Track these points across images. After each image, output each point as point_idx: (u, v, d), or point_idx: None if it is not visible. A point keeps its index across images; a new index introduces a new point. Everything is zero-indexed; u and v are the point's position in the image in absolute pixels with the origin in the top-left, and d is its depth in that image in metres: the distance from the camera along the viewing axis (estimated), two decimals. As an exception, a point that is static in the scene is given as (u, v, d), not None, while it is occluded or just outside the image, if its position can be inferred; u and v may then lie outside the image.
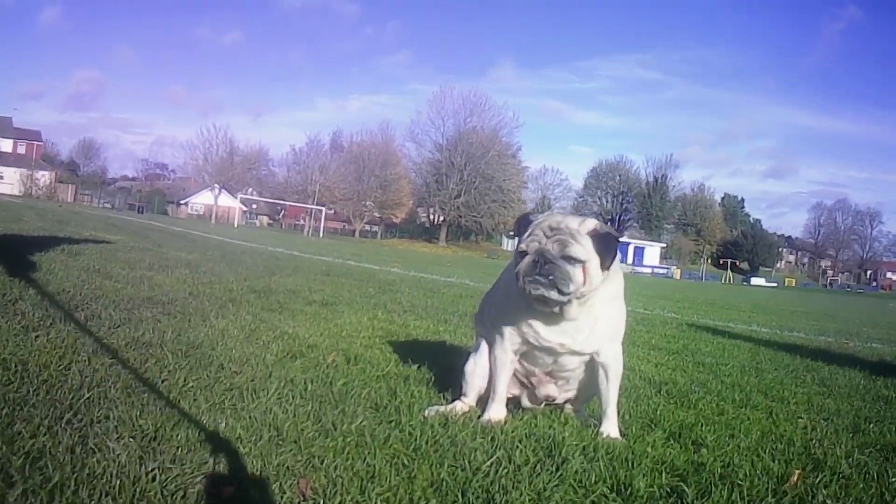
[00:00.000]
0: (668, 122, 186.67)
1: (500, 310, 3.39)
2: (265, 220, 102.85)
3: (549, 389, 3.54)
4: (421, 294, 10.41)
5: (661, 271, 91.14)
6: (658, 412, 3.87)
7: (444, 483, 2.49)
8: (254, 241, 26.47)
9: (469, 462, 2.70)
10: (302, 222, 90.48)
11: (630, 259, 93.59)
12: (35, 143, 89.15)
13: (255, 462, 2.45)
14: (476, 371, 3.52)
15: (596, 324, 3.23)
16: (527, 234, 3.12)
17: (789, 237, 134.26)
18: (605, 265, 3.05)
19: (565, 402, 3.66)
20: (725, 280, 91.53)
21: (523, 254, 3.09)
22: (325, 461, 2.54)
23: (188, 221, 58.05)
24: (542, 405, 3.62)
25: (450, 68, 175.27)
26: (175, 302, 5.93)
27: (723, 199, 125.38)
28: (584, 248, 3.00)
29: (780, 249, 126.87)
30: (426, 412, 3.36)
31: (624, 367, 3.45)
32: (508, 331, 3.34)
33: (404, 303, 8.70)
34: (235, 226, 66.61)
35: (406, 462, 2.64)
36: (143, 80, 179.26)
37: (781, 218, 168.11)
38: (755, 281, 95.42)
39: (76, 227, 16.32)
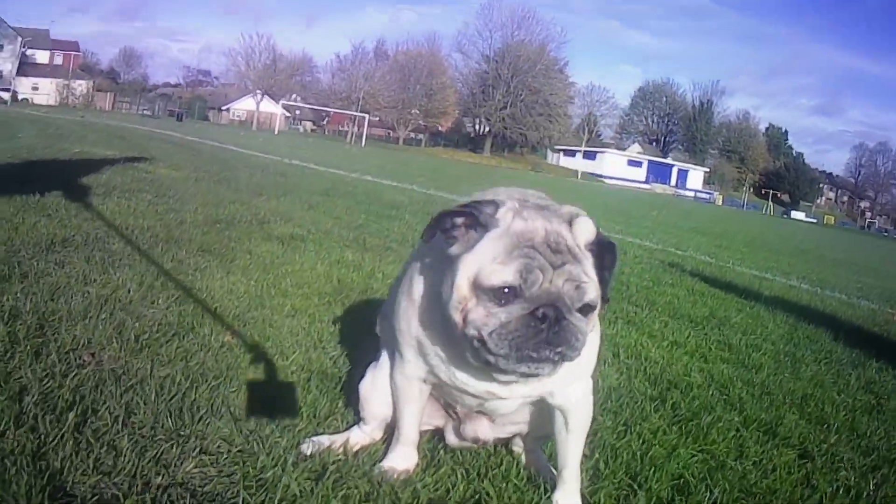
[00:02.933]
0: (717, 51, 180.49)
1: (402, 319, 2.15)
2: (309, 125, 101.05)
3: (481, 429, 2.39)
4: (424, 223, 9.15)
5: (704, 196, 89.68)
6: (650, 453, 2.68)
7: None
8: (275, 153, 23.50)
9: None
10: (346, 129, 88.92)
11: (673, 181, 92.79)
12: (72, 53, 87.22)
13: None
14: (375, 395, 2.38)
15: None
16: (511, 251, 1.77)
17: (830, 174, 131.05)
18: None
19: (511, 437, 2.54)
20: (766, 211, 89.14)
21: (509, 294, 1.75)
22: None
23: (228, 128, 56.35)
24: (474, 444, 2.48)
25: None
26: (92, 243, 4.66)
27: (767, 129, 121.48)
28: (595, 283, 1.81)
29: (821, 185, 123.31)
30: (304, 447, 2.30)
31: (593, 415, 2.23)
32: (412, 354, 2.16)
33: (393, 235, 7.54)
34: (276, 132, 65.34)
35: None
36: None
37: (825, 155, 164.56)
38: (795, 215, 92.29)
39: (72, 143, 14.27)
